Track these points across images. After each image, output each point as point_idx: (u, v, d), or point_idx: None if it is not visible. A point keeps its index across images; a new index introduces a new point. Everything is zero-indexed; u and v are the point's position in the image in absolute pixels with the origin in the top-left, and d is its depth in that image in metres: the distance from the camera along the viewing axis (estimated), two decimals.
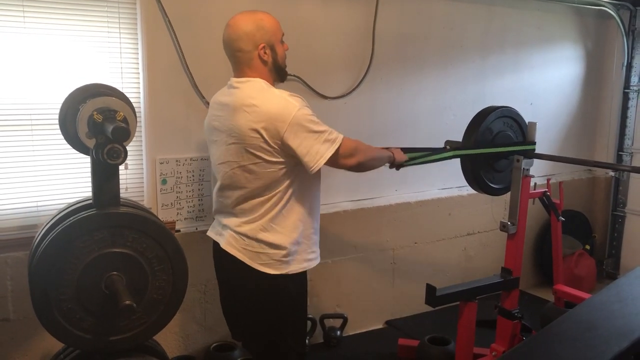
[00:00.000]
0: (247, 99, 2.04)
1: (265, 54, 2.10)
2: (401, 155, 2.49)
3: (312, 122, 2.03)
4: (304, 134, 2.00)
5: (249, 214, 2.11)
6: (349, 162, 2.14)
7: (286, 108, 2.00)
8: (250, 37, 2.07)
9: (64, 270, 1.89)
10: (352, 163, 2.15)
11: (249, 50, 2.08)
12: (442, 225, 3.81)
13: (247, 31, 2.07)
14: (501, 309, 2.91)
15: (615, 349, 1.81)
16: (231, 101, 2.10)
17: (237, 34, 2.08)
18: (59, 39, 2.50)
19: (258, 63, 2.10)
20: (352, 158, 2.15)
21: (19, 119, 2.47)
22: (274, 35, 2.13)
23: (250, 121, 2.00)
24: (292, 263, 2.14)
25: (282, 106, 2.00)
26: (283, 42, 2.18)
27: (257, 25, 2.09)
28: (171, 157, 2.82)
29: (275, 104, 2.01)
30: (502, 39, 3.91)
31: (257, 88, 2.07)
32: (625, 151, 4.49)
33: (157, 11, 2.67)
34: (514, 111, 2.97)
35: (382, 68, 3.42)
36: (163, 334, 2.47)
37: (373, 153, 2.31)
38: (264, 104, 2.01)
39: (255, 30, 2.08)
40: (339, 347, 3.29)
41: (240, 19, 2.10)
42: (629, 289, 2.32)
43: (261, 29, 2.09)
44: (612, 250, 4.60)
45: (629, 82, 4.43)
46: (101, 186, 1.99)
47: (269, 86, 2.09)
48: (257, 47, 2.08)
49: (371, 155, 2.28)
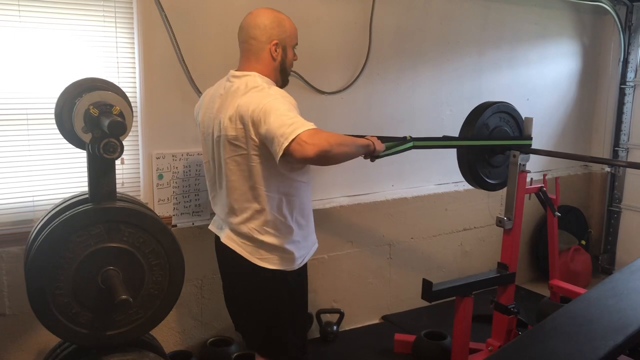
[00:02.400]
0: (237, 94, 2.05)
1: (276, 52, 2.13)
2: (380, 144, 2.26)
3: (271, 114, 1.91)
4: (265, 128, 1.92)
5: (241, 211, 2.11)
6: (306, 152, 1.83)
7: (263, 100, 1.97)
8: (268, 29, 2.11)
9: (60, 265, 1.88)
10: (309, 153, 1.83)
11: (262, 41, 2.11)
12: (439, 221, 3.82)
13: (267, 23, 2.11)
14: (497, 303, 2.92)
15: (611, 343, 1.82)
16: (222, 94, 2.12)
17: (256, 22, 2.12)
18: (55, 34, 2.49)
19: (267, 56, 2.13)
20: (308, 147, 1.82)
21: (15, 114, 2.46)
22: (289, 38, 2.18)
23: (236, 114, 2.01)
24: (289, 260, 2.16)
25: (262, 100, 1.97)
26: (294, 51, 2.22)
27: (277, 21, 2.13)
28: (167, 151, 2.81)
29: (258, 99, 1.98)
30: (499, 35, 3.91)
31: (250, 85, 2.06)
32: (621, 147, 4.50)
33: (153, 5, 2.66)
34: (510, 107, 2.97)
35: (379, 63, 3.41)
36: (159, 329, 2.48)
37: (341, 139, 1.97)
38: (251, 100, 1.99)
39: (275, 26, 2.12)
40: (336, 342, 3.30)
41: (263, 11, 2.15)
42: (625, 284, 2.32)
43: (280, 26, 2.14)
44: (607, 246, 4.62)
45: (625, 77, 4.44)
46: (97, 181, 1.99)
47: (263, 83, 2.07)
48: (270, 41, 2.11)
49: (338, 141, 1.93)
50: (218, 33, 2.83)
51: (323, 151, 1.85)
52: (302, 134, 1.84)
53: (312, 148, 1.83)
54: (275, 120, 1.89)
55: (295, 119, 1.89)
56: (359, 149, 2.15)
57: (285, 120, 1.88)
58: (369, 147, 2.20)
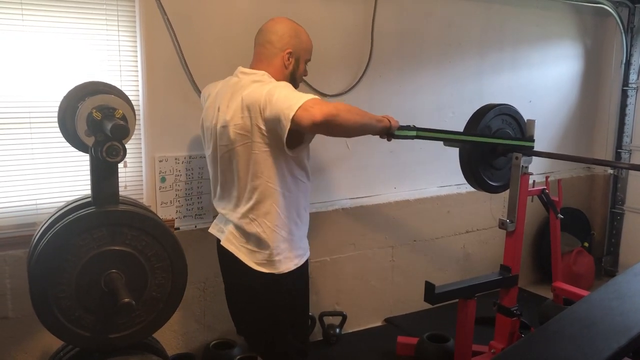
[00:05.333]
0: (244, 86, 2.10)
1: (289, 60, 2.18)
2: (395, 121, 2.27)
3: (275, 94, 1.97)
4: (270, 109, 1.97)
5: (243, 201, 2.12)
6: (314, 116, 1.83)
7: (267, 86, 2.03)
8: (285, 37, 2.17)
9: (63, 268, 1.88)
10: (318, 116, 1.83)
11: (277, 47, 2.16)
12: (441, 223, 3.81)
13: (285, 31, 2.17)
14: (500, 306, 2.91)
15: (614, 345, 1.82)
16: (229, 87, 2.16)
17: (275, 29, 2.18)
18: (58, 37, 2.49)
19: (279, 63, 2.18)
20: (317, 111, 1.84)
21: (18, 117, 2.46)
22: (304, 52, 2.24)
23: (241, 104, 2.04)
24: (284, 262, 2.15)
25: (266, 87, 2.03)
26: (306, 67, 2.27)
27: (295, 33, 2.20)
28: (170, 155, 2.82)
29: (263, 87, 2.04)
30: (501, 37, 3.90)
31: (257, 78, 2.11)
32: (623, 149, 4.49)
33: (155, 9, 2.66)
34: (512, 109, 2.97)
35: (381, 66, 3.41)
36: (162, 332, 2.47)
37: (350, 107, 1.98)
38: (256, 89, 2.05)
39: (292, 36, 2.19)
40: (338, 344, 3.30)
41: (284, 19, 2.22)
42: (628, 286, 2.32)
43: (297, 38, 2.20)
44: (610, 248, 4.61)
45: (628, 79, 4.43)
46: (100, 184, 1.99)
47: (270, 79, 2.13)
48: (285, 49, 2.17)
49: (347, 108, 1.95)
50: (220, 36, 2.84)
51: (330, 115, 1.86)
52: (308, 101, 1.88)
53: (318, 112, 1.84)
54: (279, 99, 1.94)
55: (300, 93, 1.95)
56: (372, 121, 2.14)
57: (290, 96, 1.94)
58: (383, 122, 2.20)
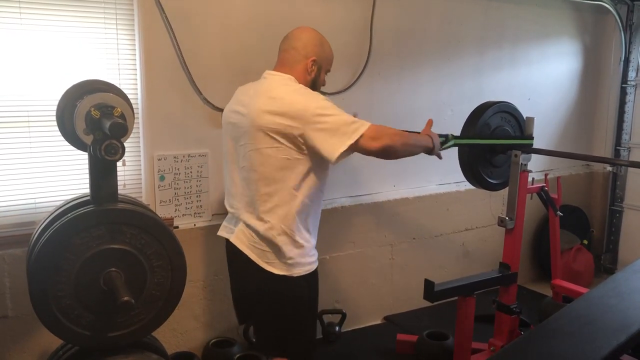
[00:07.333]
0: (272, 89, 2.13)
1: (312, 68, 2.23)
2: (437, 139, 2.40)
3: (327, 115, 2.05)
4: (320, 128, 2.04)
5: (261, 203, 2.12)
6: (372, 146, 2.07)
7: (305, 103, 2.06)
8: (310, 46, 2.22)
9: (62, 267, 1.88)
10: (375, 147, 2.07)
11: (301, 54, 2.21)
12: (441, 221, 3.82)
13: (310, 40, 2.23)
14: (499, 303, 2.91)
15: (613, 343, 1.82)
16: (257, 88, 2.18)
17: (301, 36, 2.24)
18: (56, 36, 2.49)
19: (302, 69, 2.22)
20: (375, 142, 2.07)
21: (16, 116, 2.46)
22: (326, 61, 2.29)
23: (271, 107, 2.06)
24: (296, 266, 2.16)
25: (302, 101, 2.06)
26: (325, 77, 2.32)
27: (320, 42, 2.26)
28: (169, 153, 2.81)
29: (296, 98, 2.08)
30: (500, 34, 3.90)
31: (283, 82, 2.15)
32: (622, 146, 4.50)
33: (154, 7, 2.66)
34: (511, 106, 2.97)
35: (380, 64, 3.41)
36: (162, 330, 2.47)
37: (403, 137, 2.19)
38: (286, 95, 2.09)
39: (317, 45, 2.24)
40: (338, 342, 3.30)
41: (311, 29, 2.28)
42: (627, 284, 2.32)
43: (321, 47, 2.26)
44: (609, 245, 4.61)
45: (627, 77, 4.44)
46: (99, 183, 1.99)
47: (295, 81, 2.17)
48: (308, 57, 2.21)
49: (401, 139, 2.17)
50: (219, 34, 2.83)
51: (387, 146, 2.09)
52: (367, 132, 2.04)
53: (378, 144, 2.07)
54: (332, 121, 2.04)
55: (352, 117, 2.08)
56: (420, 148, 2.31)
57: (344, 119, 2.06)
58: (428, 146, 2.34)
